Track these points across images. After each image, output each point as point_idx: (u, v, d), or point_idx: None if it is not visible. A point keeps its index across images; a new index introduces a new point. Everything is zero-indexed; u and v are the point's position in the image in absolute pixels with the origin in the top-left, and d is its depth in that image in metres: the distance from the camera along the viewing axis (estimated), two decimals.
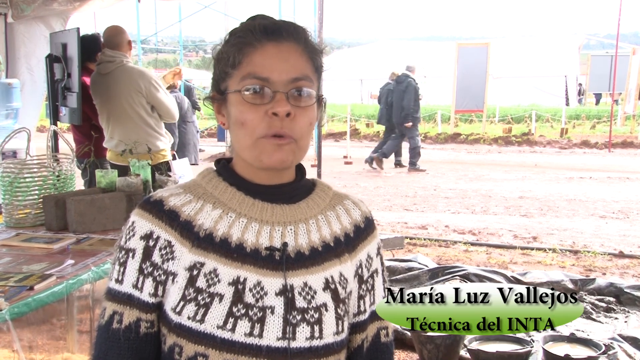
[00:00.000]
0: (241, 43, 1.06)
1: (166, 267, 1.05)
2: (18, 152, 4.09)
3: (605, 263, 5.49)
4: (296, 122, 1.04)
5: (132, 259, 1.06)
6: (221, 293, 1.03)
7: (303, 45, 1.08)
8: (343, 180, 10.50)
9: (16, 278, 2.06)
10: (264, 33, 1.05)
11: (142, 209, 1.08)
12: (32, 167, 2.93)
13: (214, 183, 1.11)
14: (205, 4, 13.68)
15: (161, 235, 1.05)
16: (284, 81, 1.03)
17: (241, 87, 1.04)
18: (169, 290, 1.05)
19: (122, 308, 1.06)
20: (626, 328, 3.86)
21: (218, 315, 1.02)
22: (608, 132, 15.06)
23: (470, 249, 5.99)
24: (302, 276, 1.07)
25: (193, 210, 1.07)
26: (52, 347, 2.92)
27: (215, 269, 1.04)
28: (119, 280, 1.07)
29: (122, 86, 4.17)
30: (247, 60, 1.04)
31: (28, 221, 2.87)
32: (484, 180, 10.57)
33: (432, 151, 15.40)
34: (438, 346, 3.32)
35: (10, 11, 4.93)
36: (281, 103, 1.02)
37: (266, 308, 1.03)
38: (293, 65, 1.05)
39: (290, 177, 1.13)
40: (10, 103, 5.04)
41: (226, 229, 1.06)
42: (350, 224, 1.16)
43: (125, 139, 4.09)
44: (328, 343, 1.06)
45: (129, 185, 2.92)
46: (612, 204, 8.29)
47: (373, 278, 1.18)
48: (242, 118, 1.04)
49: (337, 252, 1.12)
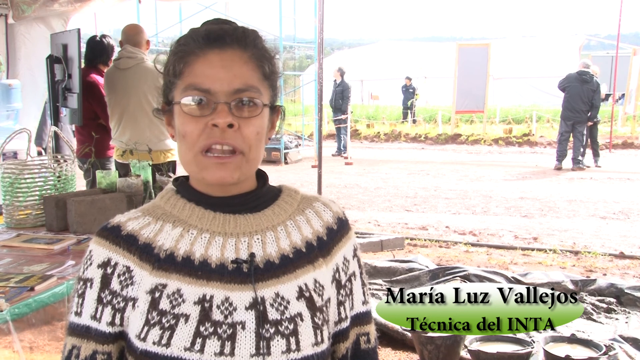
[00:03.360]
0: (183, 52, 1.01)
1: (125, 294, 1.01)
2: (19, 152, 4.09)
3: (605, 264, 5.48)
4: (241, 134, 0.99)
5: (90, 288, 1.02)
6: (186, 313, 0.98)
7: (250, 52, 1.02)
8: (343, 180, 10.51)
9: (17, 279, 2.07)
10: (206, 40, 1.00)
11: (99, 237, 1.05)
12: (33, 168, 2.93)
13: (172, 202, 1.07)
14: (206, 5, 13.68)
15: (119, 262, 1.02)
16: (226, 92, 0.98)
17: (181, 99, 1.00)
18: (130, 318, 1.01)
19: (79, 342, 1.02)
20: (627, 329, 3.86)
21: (184, 336, 0.97)
22: (609, 133, 15.03)
23: (470, 249, 5.99)
24: (273, 286, 1.02)
25: (152, 232, 1.03)
26: (53, 348, 2.92)
27: (179, 289, 0.99)
28: (77, 312, 1.03)
29: (142, 82, 4.21)
30: (189, 70, 1.00)
31: (29, 222, 2.87)
32: (484, 180, 10.57)
33: (432, 152, 15.41)
34: (438, 347, 3.32)
35: (11, 12, 4.94)
36: (222, 114, 0.97)
37: (236, 324, 0.98)
38: (236, 75, 0.99)
39: (250, 186, 1.08)
40: (11, 104, 5.05)
41: (188, 247, 1.02)
42: (322, 226, 1.10)
43: (138, 134, 4.14)
44: (307, 355, 1.01)
45: (130, 186, 2.92)
46: (613, 204, 8.28)
47: (351, 282, 1.13)
48: (183, 130, 1.00)
49: (310, 258, 1.07)
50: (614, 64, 16.81)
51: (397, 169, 12.12)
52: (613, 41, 20.98)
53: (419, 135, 17.69)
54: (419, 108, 21.36)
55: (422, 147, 16.54)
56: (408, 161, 13.40)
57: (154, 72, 4.24)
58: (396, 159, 13.89)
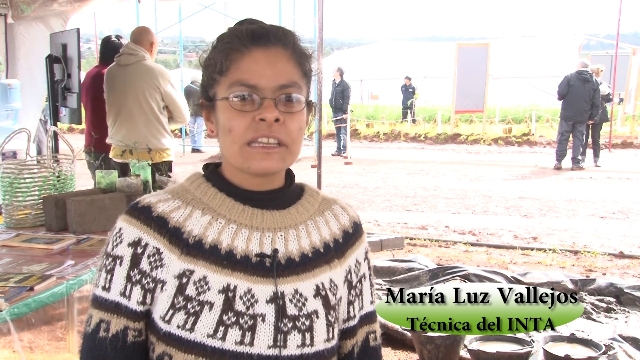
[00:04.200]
0: (228, 49, 1.04)
1: (155, 275, 1.03)
2: (18, 152, 4.09)
3: (605, 263, 5.49)
4: (286, 128, 1.03)
5: (120, 266, 1.04)
6: (211, 301, 1.01)
7: (291, 50, 1.06)
8: (343, 180, 10.50)
9: (16, 279, 2.06)
10: (251, 38, 1.04)
11: (129, 215, 1.06)
12: (32, 168, 2.93)
13: (202, 189, 1.10)
14: (205, 5, 13.68)
15: (150, 242, 1.03)
16: (272, 87, 1.02)
17: (229, 95, 1.03)
18: (158, 299, 1.04)
19: (109, 316, 1.04)
20: (626, 328, 3.86)
21: (208, 323, 1.00)
22: (608, 133, 15.03)
23: (470, 249, 5.99)
24: (293, 283, 1.05)
25: (182, 216, 1.05)
26: (53, 347, 2.92)
27: (205, 276, 1.02)
28: (105, 287, 1.05)
29: (140, 80, 4.21)
30: (235, 67, 1.03)
31: (28, 222, 2.87)
32: (484, 180, 10.57)
33: (432, 151, 15.41)
34: (438, 346, 3.32)
35: (10, 12, 4.94)
36: (269, 109, 1.01)
37: (257, 316, 1.02)
38: (281, 71, 1.04)
39: (280, 183, 1.12)
40: (10, 104, 5.04)
41: (216, 236, 1.05)
42: (339, 229, 1.15)
43: (134, 133, 4.14)
44: (319, 350, 1.05)
45: (129, 185, 2.92)
46: (612, 204, 8.29)
47: (361, 283, 1.18)
48: (229, 125, 1.03)
49: (327, 258, 1.11)
50: (613, 63, 16.79)
51: (397, 169, 12.12)
52: (612, 41, 20.99)
53: (418, 135, 17.69)
54: (419, 108, 21.36)
55: (422, 146, 16.54)
56: (408, 161, 13.40)
57: (153, 71, 4.25)
58: (396, 158, 13.89)
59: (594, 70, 11.33)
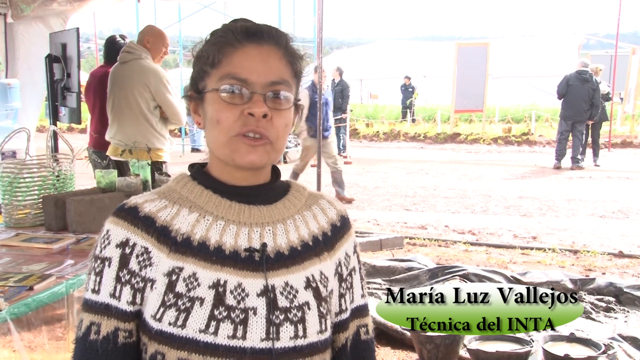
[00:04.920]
0: (221, 43, 1.06)
1: (144, 274, 1.04)
2: (18, 152, 4.09)
3: (604, 263, 5.49)
4: (272, 124, 1.04)
5: (109, 267, 1.04)
6: (201, 297, 1.02)
7: (284, 49, 1.08)
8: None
9: (16, 278, 2.06)
10: (245, 34, 1.05)
11: (116, 217, 1.06)
12: (32, 167, 2.93)
13: (188, 187, 1.11)
14: (205, 4, 13.68)
15: (138, 242, 1.04)
16: (262, 83, 1.04)
17: (219, 87, 1.04)
18: (148, 298, 1.04)
19: (99, 318, 1.04)
20: (626, 328, 3.86)
21: (199, 319, 1.01)
22: (608, 132, 15.03)
23: (469, 248, 5.99)
24: (283, 276, 1.07)
25: (169, 215, 1.06)
26: (53, 347, 2.92)
27: (195, 272, 1.03)
28: (95, 290, 1.05)
29: (131, 78, 4.23)
30: (227, 60, 1.05)
31: (28, 221, 2.87)
32: (483, 180, 10.57)
33: (431, 151, 15.41)
34: (438, 346, 3.32)
35: (9, 11, 4.94)
36: (258, 104, 1.03)
37: (248, 309, 1.03)
38: (272, 68, 1.05)
39: (265, 178, 1.14)
40: (10, 103, 5.04)
41: (204, 232, 1.06)
42: (327, 222, 1.17)
43: (122, 131, 4.17)
44: (312, 342, 1.06)
45: (129, 185, 2.92)
46: (612, 203, 8.29)
47: (351, 276, 1.19)
48: (217, 116, 1.04)
49: (317, 251, 1.12)
50: (612, 63, 16.80)
51: (396, 168, 12.12)
52: (612, 40, 20.98)
53: (418, 134, 17.69)
54: (418, 107, 21.37)
55: (421, 146, 16.55)
56: (407, 160, 13.40)
57: (146, 70, 4.24)
58: (395, 158, 13.89)
59: (593, 70, 11.33)
